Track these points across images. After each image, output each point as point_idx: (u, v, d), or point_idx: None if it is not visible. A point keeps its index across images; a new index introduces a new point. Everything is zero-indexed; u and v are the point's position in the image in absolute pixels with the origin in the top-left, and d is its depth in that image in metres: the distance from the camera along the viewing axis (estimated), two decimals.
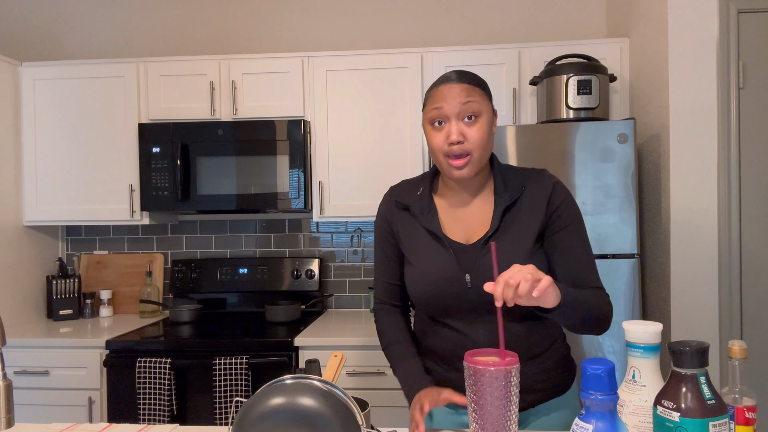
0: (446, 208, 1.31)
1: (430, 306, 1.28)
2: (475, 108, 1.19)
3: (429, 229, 1.27)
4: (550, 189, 1.26)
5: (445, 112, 1.20)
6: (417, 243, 1.29)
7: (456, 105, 1.19)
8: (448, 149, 1.20)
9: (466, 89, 1.20)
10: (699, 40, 2.04)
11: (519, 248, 1.22)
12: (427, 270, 1.26)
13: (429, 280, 1.25)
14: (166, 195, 2.59)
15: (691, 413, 0.77)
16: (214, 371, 2.22)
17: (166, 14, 3.05)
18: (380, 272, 1.40)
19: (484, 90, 1.23)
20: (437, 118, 1.21)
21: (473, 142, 1.19)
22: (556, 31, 2.88)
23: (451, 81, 1.21)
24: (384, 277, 1.39)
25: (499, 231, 1.24)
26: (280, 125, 2.54)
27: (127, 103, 2.66)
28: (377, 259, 1.41)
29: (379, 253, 1.40)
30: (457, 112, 1.19)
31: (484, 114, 1.21)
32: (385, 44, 2.96)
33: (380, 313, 1.41)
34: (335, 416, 0.90)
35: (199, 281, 2.88)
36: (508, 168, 1.32)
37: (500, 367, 0.96)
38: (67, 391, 2.36)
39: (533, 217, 1.24)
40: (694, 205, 2.05)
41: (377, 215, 1.40)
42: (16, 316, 2.70)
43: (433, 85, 1.25)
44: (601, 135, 2.14)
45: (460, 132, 1.19)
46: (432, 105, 1.22)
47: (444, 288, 1.24)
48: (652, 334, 0.89)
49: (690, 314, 2.06)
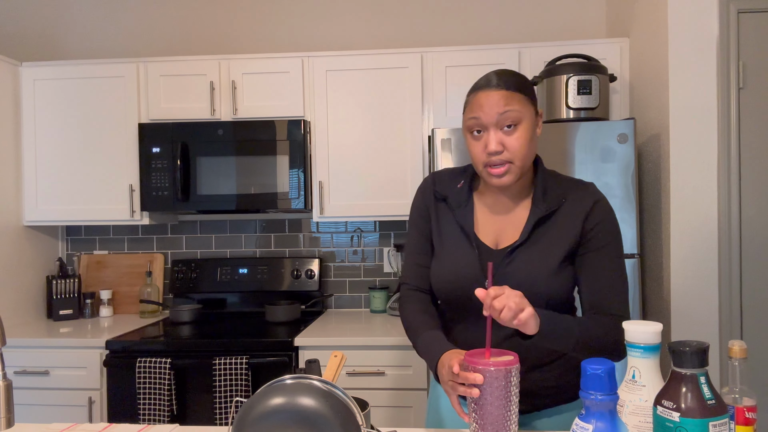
0: (483, 208, 1.29)
1: (447, 301, 1.28)
2: (514, 116, 1.15)
3: (462, 225, 1.26)
4: (589, 206, 1.21)
5: (482, 121, 1.16)
6: (447, 236, 1.28)
7: (494, 115, 1.15)
8: (487, 159, 1.17)
9: (504, 96, 1.15)
10: (699, 40, 2.04)
11: (545, 263, 1.19)
12: (450, 265, 1.25)
13: (450, 275, 1.24)
14: (166, 195, 2.59)
15: (691, 413, 0.77)
16: (214, 371, 2.22)
17: (166, 14, 3.05)
18: (413, 254, 1.34)
19: (525, 94, 1.18)
20: (475, 127, 1.18)
21: (513, 152, 1.16)
22: (556, 31, 2.88)
23: (490, 87, 1.16)
24: (417, 259, 1.33)
25: (529, 241, 1.21)
26: (280, 125, 2.54)
27: (127, 103, 2.66)
28: (411, 241, 1.35)
29: (413, 233, 1.34)
30: (496, 122, 1.15)
31: (524, 120, 1.16)
32: (385, 44, 2.96)
33: (406, 301, 1.33)
34: (335, 416, 0.90)
35: (199, 281, 2.88)
36: (552, 175, 1.27)
37: (500, 367, 0.96)
38: (67, 391, 2.36)
39: (567, 232, 1.21)
40: (694, 205, 2.05)
41: (417, 195, 1.37)
42: (16, 316, 2.70)
43: (473, 89, 1.21)
44: (601, 135, 2.14)
45: (498, 142, 1.15)
46: (470, 114, 1.19)
47: (463, 286, 1.22)
48: (652, 334, 0.89)
49: (690, 314, 2.06)
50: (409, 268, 1.35)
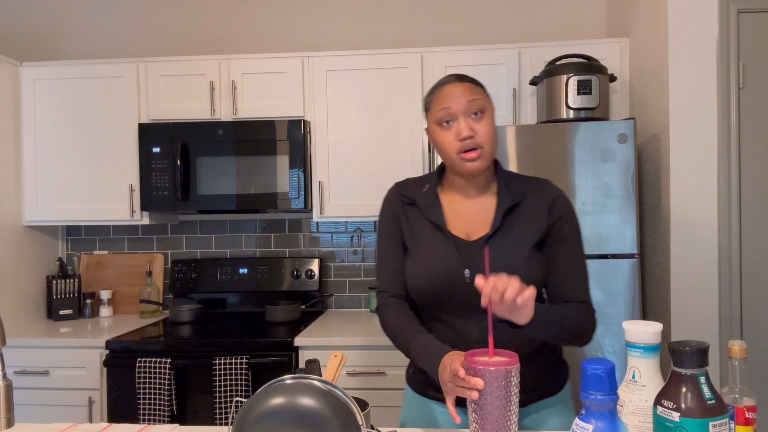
0: (450, 205, 1.33)
1: (427, 299, 1.29)
2: (481, 104, 1.24)
3: (433, 222, 1.30)
4: (551, 199, 1.29)
5: (453, 111, 1.24)
6: (420, 235, 1.31)
7: (463, 103, 1.23)
8: (461, 145, 1.23)
9: (469, 88, 1.25)
10: (699, 40, 2.04)
11: (518, 251, 1.25)
12: (427, 261, 1.27)
13: (429, 271, 1.27)
14: (166, 195, 2.59)
15: (691, 413, 0.77)
16: (214, 371, 2.22)
17: (166, 14, 3.05)
18: (386, 261, 1.35)
19: (483, 89, 1.30)
20: (445, 118, 1.25)
21: (483, 136, 1.24)
22: (556, 31, 2.88)
23: (453, 81, 1.26)
24: (391, 266, 1.35)
25: (501, 231, 1.26)
26: (280, 125, 2.54)
27: (127, 103, 2.66)
28: (382, 250, 1.36)
29: (384, 242, 1.36)
30: (465, 109, 1.24)
31: (488, 110, 1.26)
32: (385, 44, 2.96)
33: (386, 307, 1.33)
34: (335, 416, 0.90)
35: (199, 281, 2.88)
36: (510, 173, 1.36)
37: (500, 367, 0.96)
38: (67, 391, 2.36)
39: (534, 222, 1.28)
40: (694, 205, 2.05)
41: (383, 206, 1.39)
42: (16, 316, 2.70)
43: (435, 88, 1.29)
44: (601, 135, 2.14)
45: (469, 127, 1.23)
46: (439, 106, 1.26)
47: (443, 280, 1.25)
48: (652, 334, 0.89)
49: (690, 314, 2.06)
50: (384, 276, 1.35)
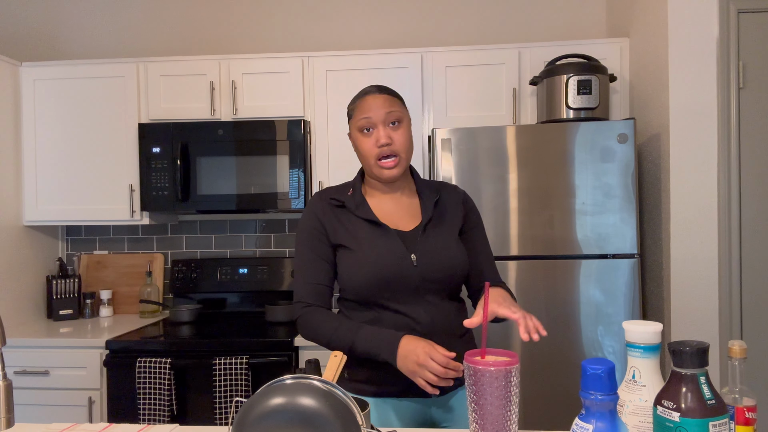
0: (377, 204, 1.44)
1: (376, 289, 1.34)
2: (398, 115, 1.38)
3: (368, 219, 1.38)
4: (462, 195, 1.49)
5: (373, 120, 1.36)
6: (357, 232, 1.37)
7: (382, 113, 1.36)
8: (378, 151, 1.36)
9: (388, 99, 1.38)
10: (699, 40, 2.04)
11: (450, 236, 1.41)
12: (374, 252, 1.34)
13: (377, 261, 1.33)
14: (166, 195, 2.59)
15: (691, 413, 0.77)
16: (214, 371, 2.22)
17: (166, 14, 3.05)
18: (308, 275, 1.38)
19: (401, 101, 1.43)
20: (366, 126, 1.37)
21: (399, 144, 1.37)
22: (556, 31, 2.88)
23: (374, 93, 1.39)
24: (313, 280, 1.37)
25: (432, 221, 1.41)
26: (280, 125, 2.54)
27: (127, 103, 2.66)
28: (304, 262, 1.38)
29: (307, 255, 1.38)
30: (383, 119, 1.36)
31: (405, 120, 1.40)
32: (385, 44, 2.96)
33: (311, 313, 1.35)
34: (335, 416, 0.90)
35: (199, 281, 2.88)
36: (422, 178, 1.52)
37: (500, 367, 0.96)
38: (67, 391, 2.36)
39: (455, 213, 1.45)
40: (694, 205, 2.05)
41: (305, 218, 1.41)
42: (16, 316, 2.70)
43: (357, 98, 1.41)
44: (601, 135, 2.14)
45: (387, 135, 1.35)
46: (360, 115, 1.38)
47: (392, 268, 1.33)
48: (652, 334, 0.89)
49: (690, 314, 2.06)
50: (304, 288, 1.38)
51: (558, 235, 2.15)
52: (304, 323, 1.36)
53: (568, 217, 2.15)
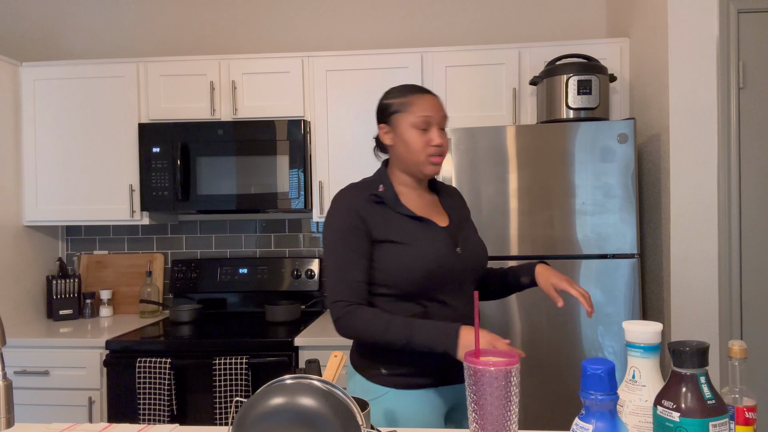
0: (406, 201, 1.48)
1: (428, 283, 1.36)
2: (447, 121, 1.48)
3: (409, 215, 1.40)
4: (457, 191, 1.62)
5: (432, 120, 1.41)
6: (402, 227, 1.39)
7: (439, 116, 1.43)
8: (432, 150, 1.41)
9: (441, 103, 1.46)
10: (699, 40, 2.04)
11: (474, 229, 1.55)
12: (429, 246, 1.37)
13: (429, 255, 1.36)
14: (166, 195, 2.59)
15: (691, 413, 0.77)
16: (214, 371, 2.22)
17: (166, 14, 3.05)
18: (348, 273, 1.35)
19: None
20: (424, 124, 1.41)
21: (445, 148, 1.46)
22: (556, 31, 2.88)
23: (431, 93, 1.45)
24: (353, 278, 1.35)
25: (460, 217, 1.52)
26: (280, 125, 2.54)
27: (127, 103, 2.66)
28: (343, 260, 1.36)
29: (346, 253, 1.36)
30: (439, 122, 1.43)
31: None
32: (385, 44, 2.96)
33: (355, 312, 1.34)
34: (335, 416, 0.90)
35: (199, 281, 2.88)
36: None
37: (500, 367, 0.96)
38: (67, 391, 2.36)
39: (465, 209, 1.59)
40: (694, 205, 2.05)
41: (340, 215, 1.38)
42: (16, 316, 2.70)
43: (410, 93, 1.43)
44: (601, 135, 2.14)
45: (441, 137, 1.42)
46: (420, 112, 1.41)
47: (442, 261, 1.37)
48: (652, 334, 0.89)
49: (690, 314, 2.06)
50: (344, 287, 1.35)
51: (558, 235, 2.15)
52: (348, 322, 1.33)
53: (568, 217, 2.15)
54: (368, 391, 1.43)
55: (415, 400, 1.40)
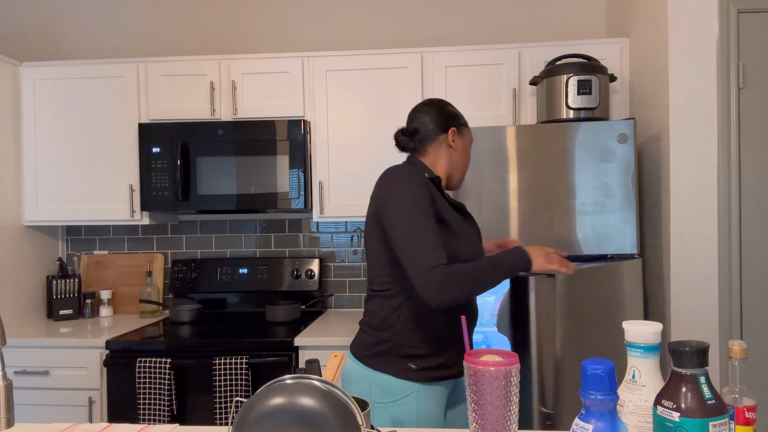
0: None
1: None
2: None
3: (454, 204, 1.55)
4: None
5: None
6: (451, 213, 1.50)
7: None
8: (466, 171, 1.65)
9: None
10: (699, 40, 2.04)
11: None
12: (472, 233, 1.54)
13: (476, 242, 1.54)
14: (166, 195, 2.59)
15: (691, 413, 0.77)
16: (214, 371, 2.22)
17: (166, 14, 3.05)
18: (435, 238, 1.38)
19: None
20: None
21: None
22: (556, 31, 2.88)
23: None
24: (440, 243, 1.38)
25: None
26: (280, 125, 2.54)
27: (127, 103, 2.66)
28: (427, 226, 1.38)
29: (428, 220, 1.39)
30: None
31: None
32: (385, 44, 2.96)
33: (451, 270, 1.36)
34: (335, 416, 0.90)
35: (199, 281, 2.88)
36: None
37: (500, 367, 0.96)
38: (67, 391, 2.36)
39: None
40: (694, 205, 2.05)
41: (416, 186, 1.42)
42: (16, 316, 2.70)
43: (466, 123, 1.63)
44: (601, 135, 2.14)
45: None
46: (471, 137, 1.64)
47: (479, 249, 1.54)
48: (652, 334, 0.89)
49: (690, 314, 2.06)
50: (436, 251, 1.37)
51: (558, 235, 2.15)
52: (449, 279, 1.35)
53: (568, 217, 2.15)
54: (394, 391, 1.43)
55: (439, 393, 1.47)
